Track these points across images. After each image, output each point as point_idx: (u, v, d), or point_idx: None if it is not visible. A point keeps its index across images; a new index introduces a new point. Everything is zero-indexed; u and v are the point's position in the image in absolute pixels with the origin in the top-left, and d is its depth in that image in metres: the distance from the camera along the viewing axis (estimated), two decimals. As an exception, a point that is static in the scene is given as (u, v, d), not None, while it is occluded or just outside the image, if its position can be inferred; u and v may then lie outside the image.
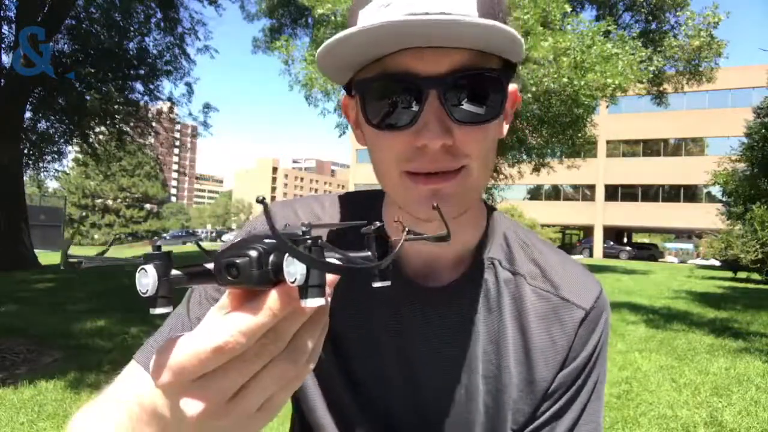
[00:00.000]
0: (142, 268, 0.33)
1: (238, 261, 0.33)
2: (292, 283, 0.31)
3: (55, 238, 22.87)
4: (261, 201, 0.33)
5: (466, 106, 0.55)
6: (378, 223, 0.38)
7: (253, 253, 0.33)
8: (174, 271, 0.33)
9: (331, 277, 0.34)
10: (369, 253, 0.38)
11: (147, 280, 0.33)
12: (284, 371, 0.36)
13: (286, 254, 0.32)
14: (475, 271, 0.69)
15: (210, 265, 0.35)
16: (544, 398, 0.68)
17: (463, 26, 0.49)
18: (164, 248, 0.34)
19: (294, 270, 0.31)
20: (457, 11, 0.52)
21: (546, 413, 0.68)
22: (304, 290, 0.31)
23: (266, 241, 0.34)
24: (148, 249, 0.34)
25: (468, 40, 0.52)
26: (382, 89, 0.56)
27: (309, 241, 0.32)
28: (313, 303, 0.31)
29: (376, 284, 0.37)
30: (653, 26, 16.73)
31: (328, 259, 0.33)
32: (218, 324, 0.34)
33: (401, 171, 0.58)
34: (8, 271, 10.74)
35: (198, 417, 0.35)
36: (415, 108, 0.54)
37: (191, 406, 0.35)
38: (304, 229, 0.33)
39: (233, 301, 0.37)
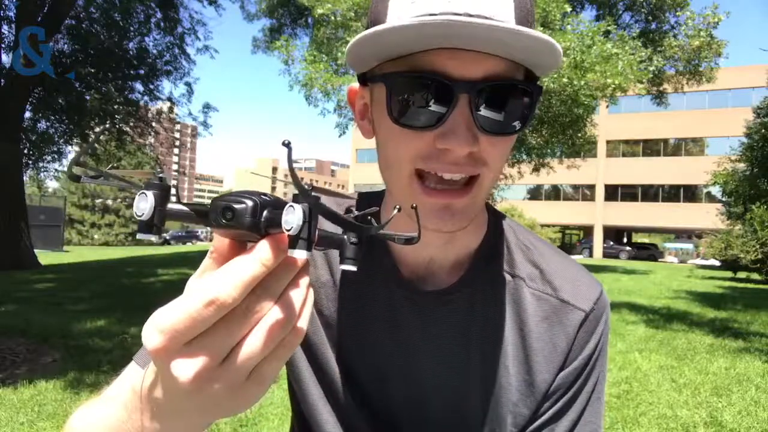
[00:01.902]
0: (143, 192, 0.34)
1: (235, 206, 0.35)
2: (288, 231, 0.33)
3: (55, 238, 22.87)
4: (286, 145, 0.34)
5: (493, 115, 0.54)
6: (355, 211, 0.40)
7: (250, 202, 0.35)
8: (170, 204, 0.36)
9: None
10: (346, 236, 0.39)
11: (145, 205, 0.34)
12: (273, 332, 0.36)
13: (287, 205, 0.34)
14: (475, 274, 0.69)
15: (207, 206, 0.37)
16: (544, 399, 0.68)
17: (520, 37, 0.48)
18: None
19: (292, 219, 0.33)
20: (497, 16, 0.51)
21: (545, 414, 0.68)
22: (295, 240, 0.33)
23: (263, 196, 0.36)
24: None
25: (511, 49, 0.51)
26: (411, 85, 0.54)
27: (312, 195, 0.34)
28: (299, 255, 0.33)
29: (344, 266, 0.38)
30: (653, 26, 16.72)
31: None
32: (207, 280, 0.35)
33: (413, 169, 0.57)
34: (8, 271, 10.74)
35: (190, 381, 0.35)
36: (441, 109, 0.53)
37: (183, 369, 0.35)
38: (308, 185, 0.35)
39: (218, 257, 0.38)
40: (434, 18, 0.47)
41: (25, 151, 13.12)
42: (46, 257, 14.53)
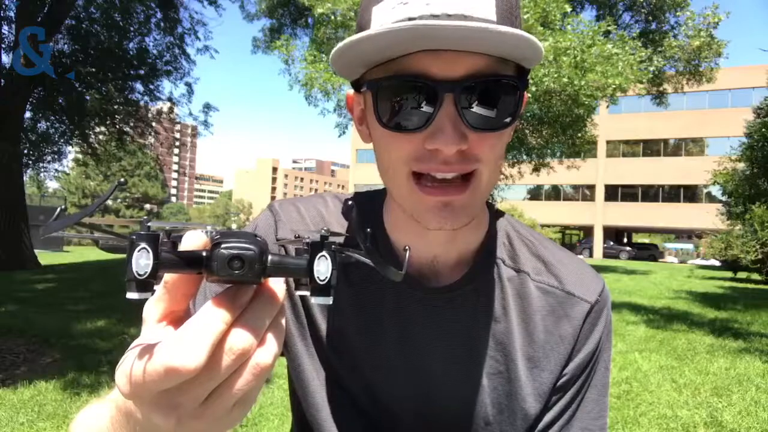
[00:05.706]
0: (144, 248, 0.30)
1: (245, 253, 0.33)
2: (321, 281, 0.34)
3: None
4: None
5: (480, 111, 0.54)
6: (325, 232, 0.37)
7: (256, 248, 0.33)
8: (164, 254, 0.31)
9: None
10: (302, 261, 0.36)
11: (146, 261, 0.30)
12: (259, 372, 0.35)
13: (318, 254, 0.34)
14: (478, 271, 0.69)
15: (201, 252, 0.33)
16: (553, 392, 0.69)
17: (491, 34, 0.48)
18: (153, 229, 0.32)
19: (325, 269, 0.34)
20: (477, 14, 0.51)
21: (555, 406, 0.69)
22: (327, 289, 0.34)
23: (258, 239, 0.34)
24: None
25: (489, 46, 0.51)
26: (396, 89, 0.55)
27: (333, 246, 0.35)
28: (326, 300, 0.34)
29: (315, 299, 0.35)
30: (653, 26, 16.72)
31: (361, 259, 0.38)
32: (167, 339, 0.32)
33: (409, 171, 0.57)
34: (8, 271, 10.73)
35: (169, 425, 0.34)
36: (428, 110, 0.53)
37: (160, 418, 0.34)
38: (323, 233, 0.35)
39: (172, 287, 0.35)
40: (402, 24, 0.48)
41: (25, 151, 13.12)
42: (46, 257, 14.52)
